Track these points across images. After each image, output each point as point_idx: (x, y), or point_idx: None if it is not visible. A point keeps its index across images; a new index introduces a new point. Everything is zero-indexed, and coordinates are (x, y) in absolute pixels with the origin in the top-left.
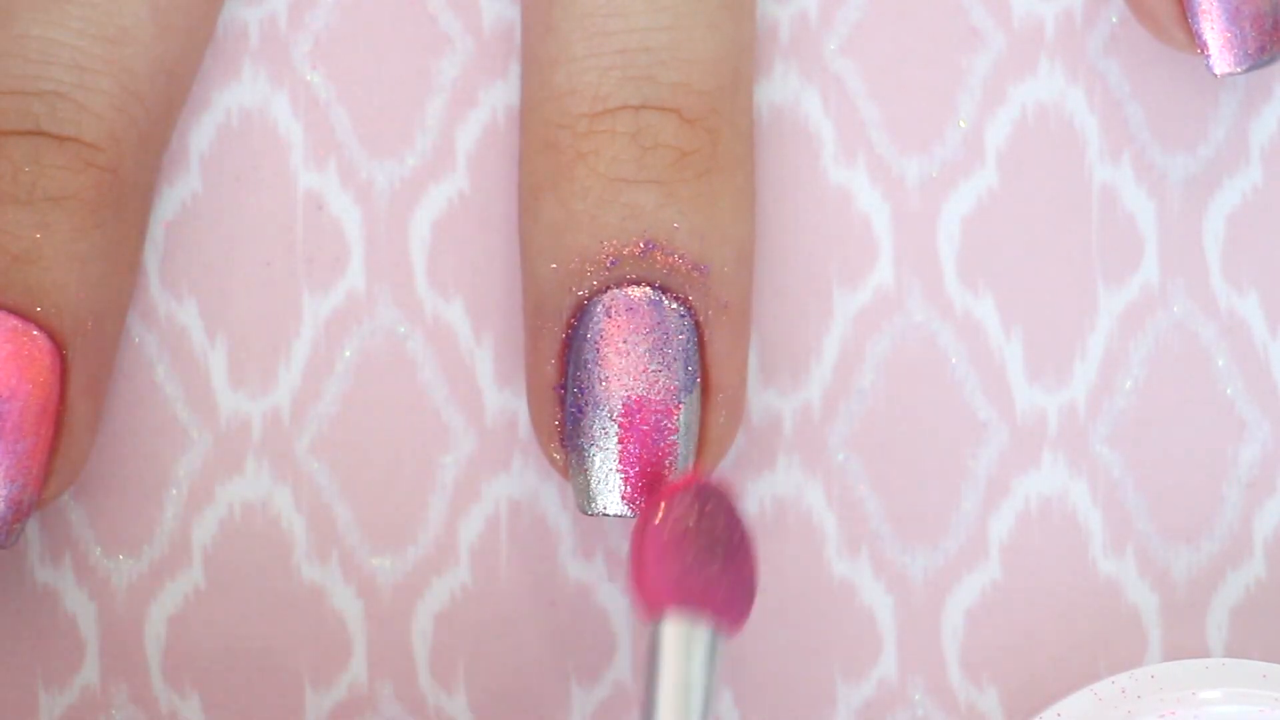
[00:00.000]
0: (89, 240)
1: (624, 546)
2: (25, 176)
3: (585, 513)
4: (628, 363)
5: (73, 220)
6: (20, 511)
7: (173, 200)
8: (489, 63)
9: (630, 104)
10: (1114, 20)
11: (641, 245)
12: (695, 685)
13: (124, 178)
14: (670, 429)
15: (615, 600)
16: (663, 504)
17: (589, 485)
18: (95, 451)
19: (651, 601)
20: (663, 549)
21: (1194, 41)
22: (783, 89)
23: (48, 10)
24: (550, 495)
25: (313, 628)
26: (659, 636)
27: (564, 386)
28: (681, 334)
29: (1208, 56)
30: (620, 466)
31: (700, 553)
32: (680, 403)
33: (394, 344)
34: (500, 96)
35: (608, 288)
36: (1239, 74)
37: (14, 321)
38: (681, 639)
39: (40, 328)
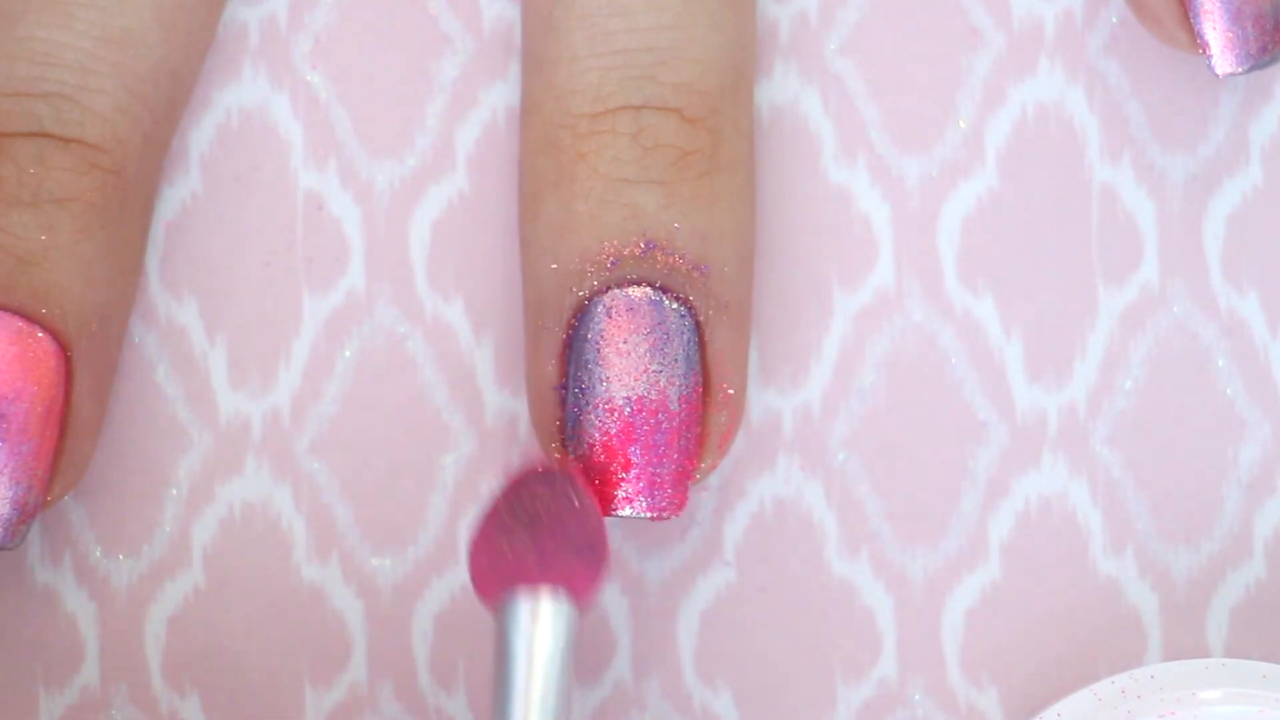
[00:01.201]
0: (93, 242)
1: (625, 547)
2: (30, 178)
3: None
4: (628, 363)
5: (77, 222)
6: (25, 513)
7: (173, 200)
8: (489, 63)
9: (631, 104)
10: (1114, 20)
11: (642, 245)
12: (538, 656)
13: (128, 179)
14: (670, 429)
15: (615, 600)
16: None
17: (589, 486)
18: (95, 452)
19: (477, 590)
20: (474, 536)
21: (1196, 42)
22: (783, 89)
23: (52, 12)
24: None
25: (313, 628)
26: (499, 622)
27: (564, 386)
28: (682, 334)
29: (1209, 57)
30: (620, 467)
31: (505, 527)
32: (680, 403)
33: (394, 344)
34: (500, 96)
35: (608, 288)
36: (1240, 74)
37: (19, 323)
38: (517, 617)
39: (45, 329)
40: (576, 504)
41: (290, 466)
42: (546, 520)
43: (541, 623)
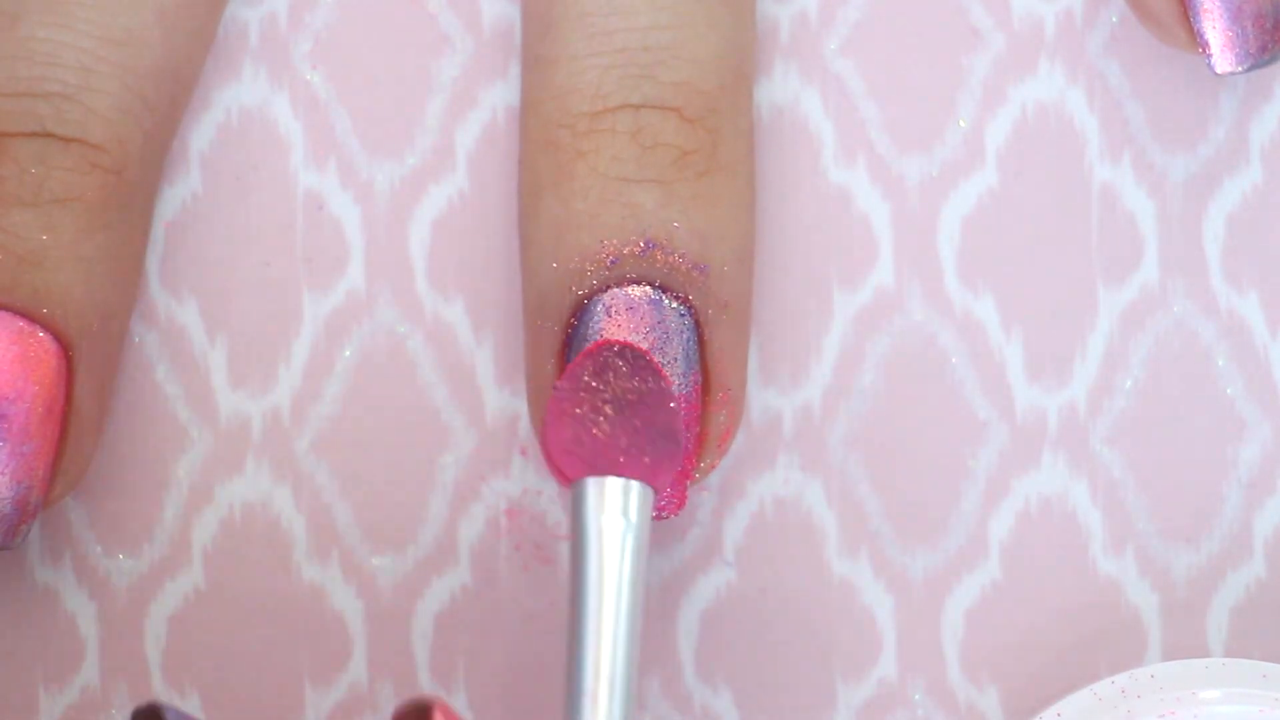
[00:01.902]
0: (94, 242)
1: None
2: (31, 178)
3: None
4: None
5: (78, 222)
6: (26, 513)
7: (173, 200)
8: (489, 63)
9: (630, 103)
10: (1114, 20)
11: (642, 244)
12: (610, 534)
13: (129, 179)
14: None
15: None
16: (565, 371)
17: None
18: (96, 452)
19: (556, 468)
20: (556, 413)
21: (1195, 41)
22: (783, 89)
23: (54, 12)
24: (550, 495)
25: (313, 628)
26: (576, 498)
27: None
28: (682, 333)
29: (1209, 56)
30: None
31: (595, 411)
32: (679, 402)
33: (394, 344)
34: (500, 96)
35: (608, 287)
36: (1240, 73)
37: (20, 323)
38: (597, 497)
39: (46, 329)
40: (659, 388)
41: (290, 466)
42: (635, 404)
43: (627, 508)
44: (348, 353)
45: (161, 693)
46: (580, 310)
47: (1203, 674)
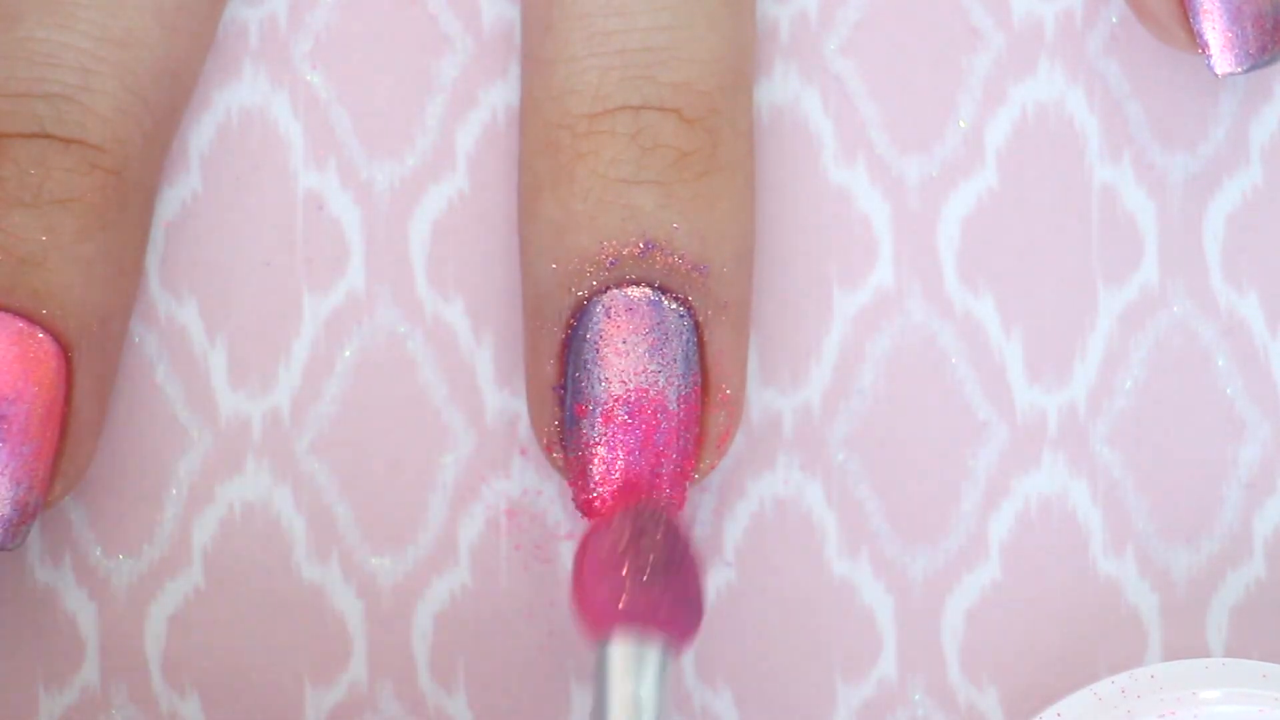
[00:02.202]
0: (94, 242)
1: None
2: (31, 179)
3: (585, 516)
4: (627, 363)
5: (78, 223)
6: (26, 513)
7: (173, 200)
8: (489, 63)
9: (630, 104)
10: (1114, 20)
11: (641, 245)
12: (645, 705)
13: (128, 180)
14: (669, 430)
15: None
16: (601, 524)
17: (588, 486)
18: (96, 452)
19: (593, 624)
20: (599, 570)
21: (1195, 41)
22: (783, 89)
23: (53, 13)
24: (550, 495)
25: (313, 628)
26: (604, 658)
27: (563, 387)
28: (681, 334)
29: (1209, 56)
30: (619, 468)
31: (638, 572)
32: (678, 403)
33: (394, 344)
34: (500, 96)
35: (607, 288)
36: (1240, 74)
37: (20, 324)
38: (627, 659)
39: (46, 330)
40: (693, 555)
41: (290, 466)
42: (673, 571)
43: (655, 671)
44: (348, 353)
45: (161, 693)
46: (580, 311)
47: (1203, 674)
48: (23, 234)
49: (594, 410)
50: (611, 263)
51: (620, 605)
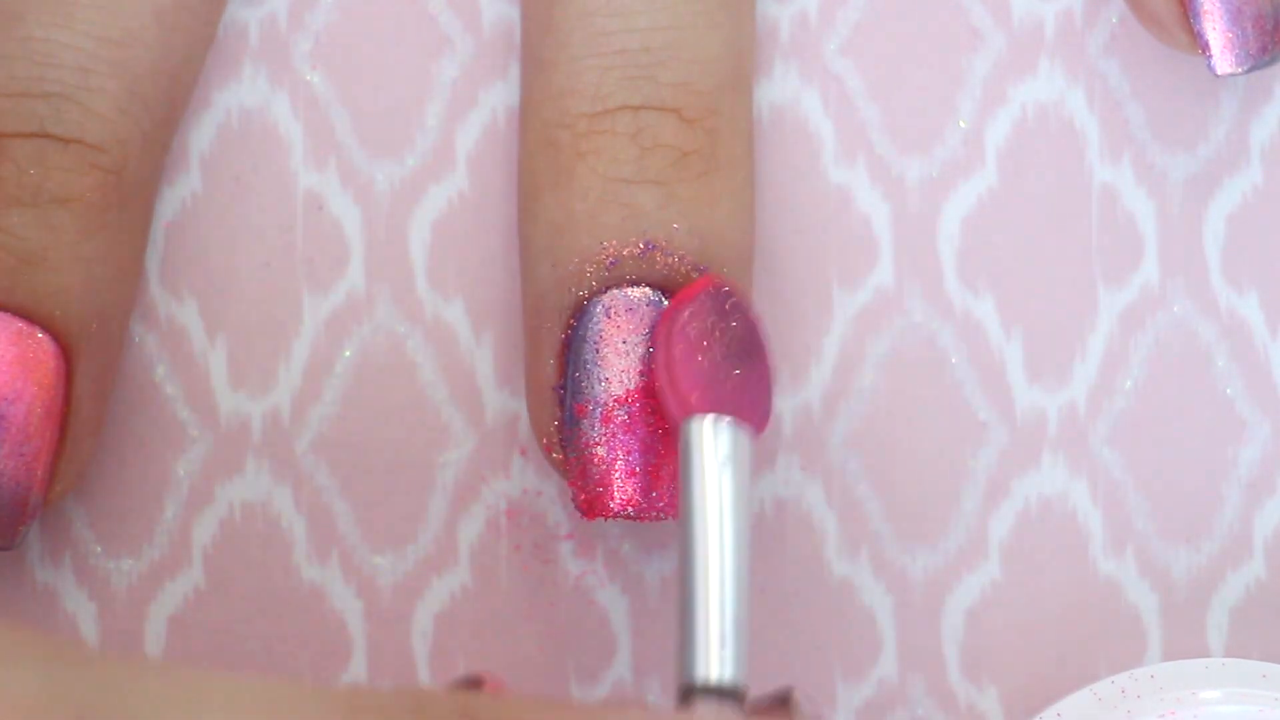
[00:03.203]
0: (94, 242)
1: (624, 546)
2: (30, 179)
3: (585, 516)
4: (627, 363)
5: (78, 222)
6: (26, 513)
7: (173, 200)
8: (489, 63)
9: (630, 104)
10: (1114, 20)
11: (641, 246)
12: (727, 481)
13: (128, 179)
14: (669, 430)
15: (615, 600)
16: (685, 305)
17: (588, 486)
18: (96, 452)
19: (683, 402)
20: (690, 350)
21: (1195, 42)
22: (783, 89)
23: (53, 12)
24: (550, 495)
25: (313, 628)
26: (689, 433)
27: (563, 387)
28: None
29: (1209, 57)
30: (619, 468)
31: (725, 354)
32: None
33: (394, 344)
34: (500, 96)
35: (607, 288)
36: (1240, 74)
37: (19, 324)
38: (711, 434)
39: (45, 330)
40: (767, 345)
41: (290, 466)
42: (757, 357)
43: (738, 447)
44: (348, 353)
45: None
46: (580, 311)
47: (1203, 674)
48: (22, 234)
49: (594, 410)
50: (612, 263)
51: (713, 383)
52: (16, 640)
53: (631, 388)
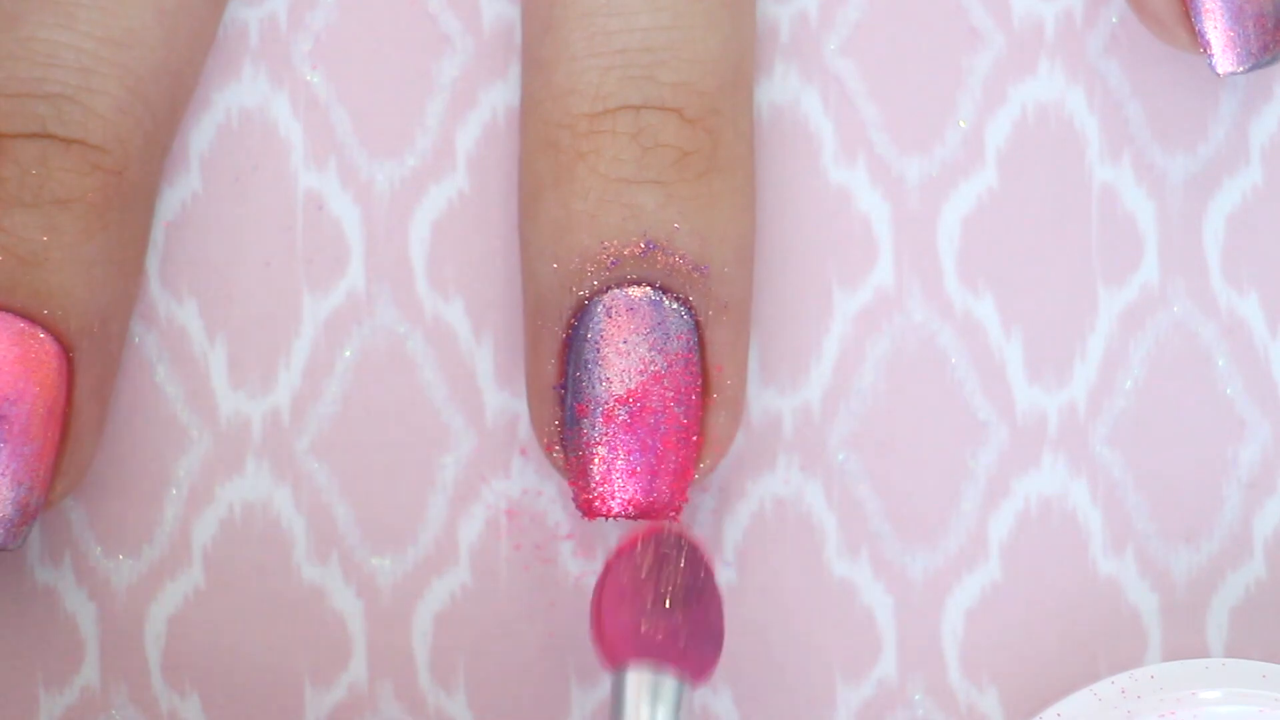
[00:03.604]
0: (95, 243)
1: None
2: (32, 179)
3: (585, 516)
4: (628, 363)
5: (79, 223)
6: (27, 514)
7: (173, 200)
8: (489, 63)
9: (631, 104)
10: (1114, 20)
11: (642, 245)
12: None
13: (129, 180)
14: (670, 430)
15: None
16: (619, 553)
17: (588, 486)
18: (97, 452)
19: (610, 652)
20: (618, 598)
21: (1196, 41)
22: (783, 89)
23: (54, 13)
24: (550, 495)
25: (313, 628)
26: (620, 686)
27: (564, 386)
28: (682, 334)
29: (1210, 56)
30: (620, 468)
31: (657, 602)
32: (679, 403)
33: (394, 344)
34: (500, 96)
35: (608, 288)
36: (1241, 73)
37: (21, 324)
38: (643, 689)
39: (47, 330)
40: (714, 586)
41: (290, 466)
42: (693, 601)
43: (672, 702)
44: (348, 353)
45: (161, 693)
46: (580, 311)
47: (1203, 674)
48: (24, 234)
49: (595, 410)
50: (612, 262)
51: (639, 633)
52: None
53: (632, 387)
